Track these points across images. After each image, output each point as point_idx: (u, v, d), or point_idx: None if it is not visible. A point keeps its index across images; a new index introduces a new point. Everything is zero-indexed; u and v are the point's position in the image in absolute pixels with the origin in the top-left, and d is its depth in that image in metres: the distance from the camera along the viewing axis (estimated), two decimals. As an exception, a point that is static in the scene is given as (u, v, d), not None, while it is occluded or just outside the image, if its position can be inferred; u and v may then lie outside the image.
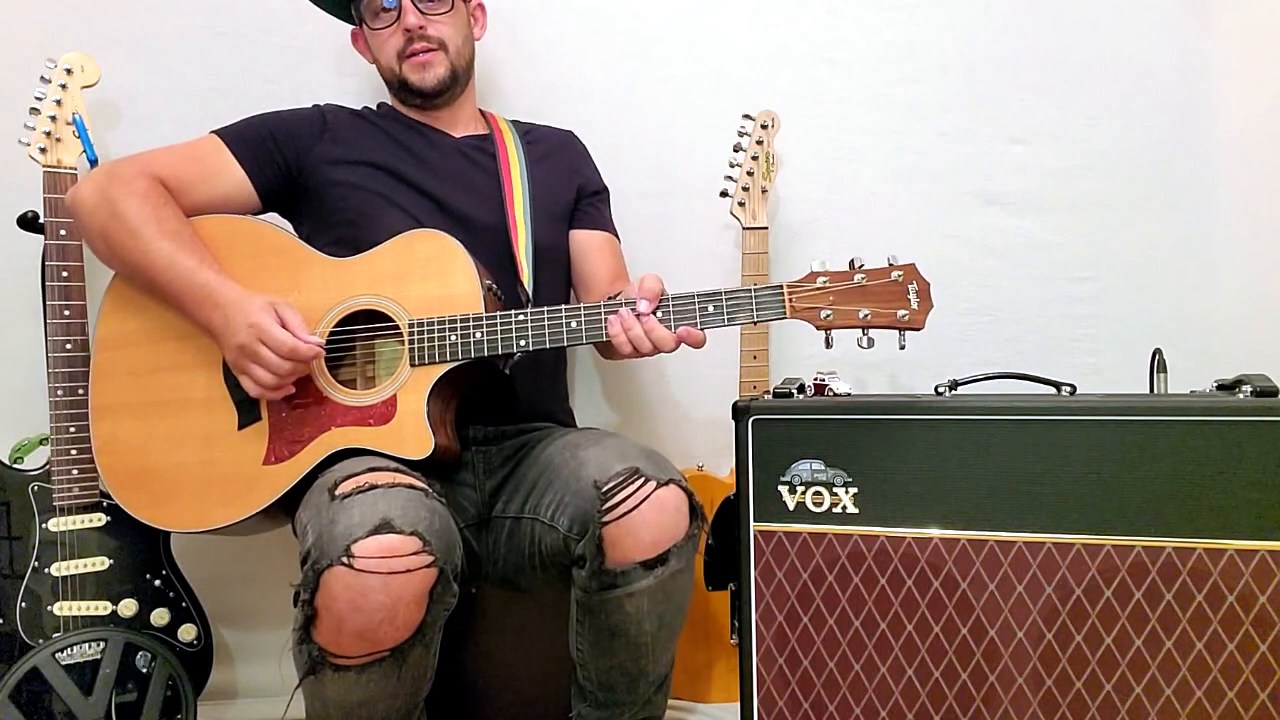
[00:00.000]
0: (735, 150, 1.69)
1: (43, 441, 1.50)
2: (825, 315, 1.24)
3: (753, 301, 1.25)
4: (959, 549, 1.25)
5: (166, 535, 1.51)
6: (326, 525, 1.10)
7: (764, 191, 1.68)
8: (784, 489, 1.31)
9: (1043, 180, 1.82)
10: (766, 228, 1.68)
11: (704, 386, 1.79)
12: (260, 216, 1.46)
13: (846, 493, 1.29)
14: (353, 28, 1.58)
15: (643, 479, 1.23)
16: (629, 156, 1.77)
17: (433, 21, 1.48)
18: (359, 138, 1.49)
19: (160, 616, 1.50)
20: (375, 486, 1.13)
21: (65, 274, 1.47)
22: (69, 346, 1.45)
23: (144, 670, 1.45)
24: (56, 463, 1.45)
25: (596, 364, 1.89)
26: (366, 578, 1.06)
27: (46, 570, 1.45)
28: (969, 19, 1.82)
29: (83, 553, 1.46)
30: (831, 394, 1.43)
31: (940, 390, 1.34)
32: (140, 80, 1.71)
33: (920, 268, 1.23)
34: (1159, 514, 1.20)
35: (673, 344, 1.26)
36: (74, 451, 1.45)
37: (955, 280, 1.81)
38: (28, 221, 1.52)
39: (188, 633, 1.52)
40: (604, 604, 1.26)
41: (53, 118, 1.50)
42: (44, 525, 1.45)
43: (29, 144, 1.49)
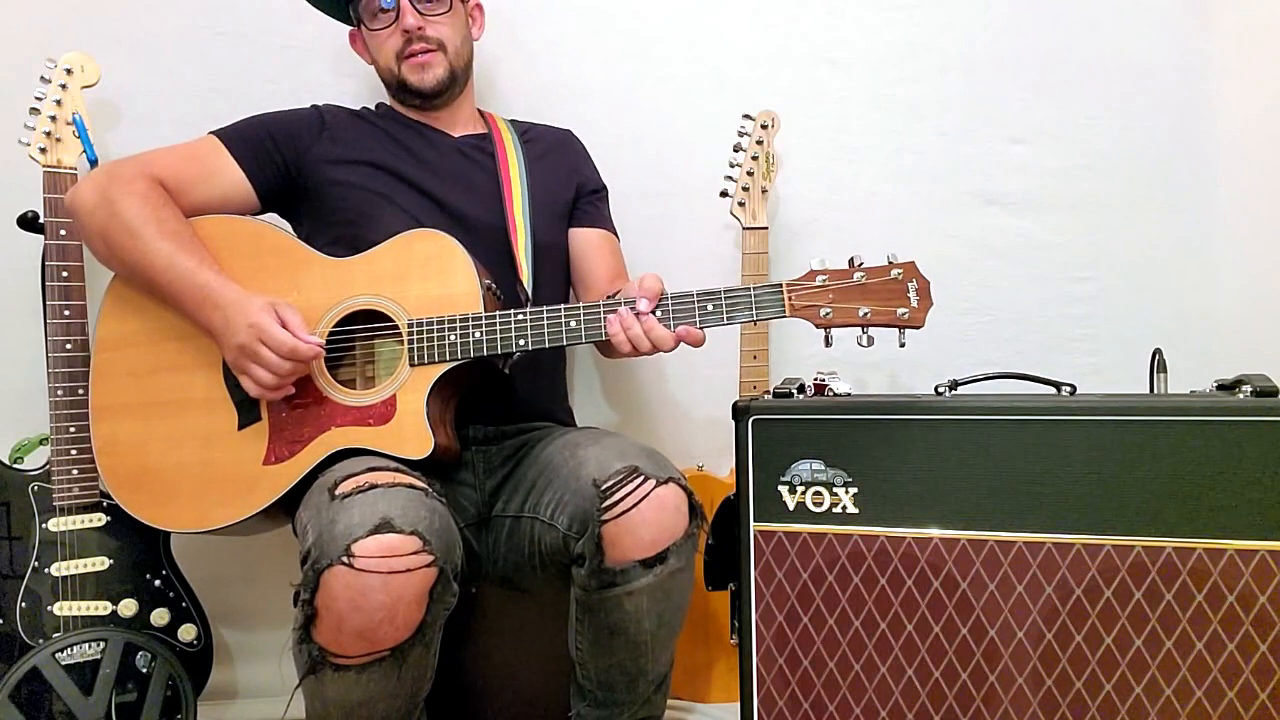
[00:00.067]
0: (735, 150, 1.69)
1: (43, 441, 1.50)
2: (825, 313, 1.23)
3: (752, 300, 1.25)
4: (959, 549, 1.25)
5: (166, 535, 1.51)
6: (326, 525, 1.10)
7: (764, 191, 1.68)
8: (784, 489, 1.31)
9: (1043, 180, 1.82)
10: (766, 228, 1.68)
11: (704, 386, 1.79)
12: (259, 217, 1.46)
13: (846, 493, 1.29)
14: (351, 29, 1.58)
15: (642, 477, 1.23)
16: (629, 156, 1.77)
17: (431, 22, 1.48)
18: (358, 137, 1.49)
19: (160, 616, 1.50)
20: (375, 486, 1.13)
21: (65, 274, 1.47)
22: (69, 346, 1.45)
23: (144, 670, 1.45)
24: (56, 463, 1.45)
25: (596, 363, 1.89)
26: (367, 577, 1.06)
27: (46, 570, 1.45)
28: (969, 19, 1.82)
29: (83, 553, 1.46)
30: (831, 394, 1.43)
31: (940, 390, 1.34)
32: (140, 80, 1.71)
33: (920, 266, 1.23)
34: (1159, 514, 1.20)
35: (672, 343, 1.26)
36: (74, 451, 1.45)
37: (955, 280, 1.81)
38: (28, 221, 1.52)
39: (188, 633, 1.52)
40: (603, 602, 1.26)
41: (53, 118, 1.50)
42: (44, 525, 1.45)
43: (29, 144, 1.49)
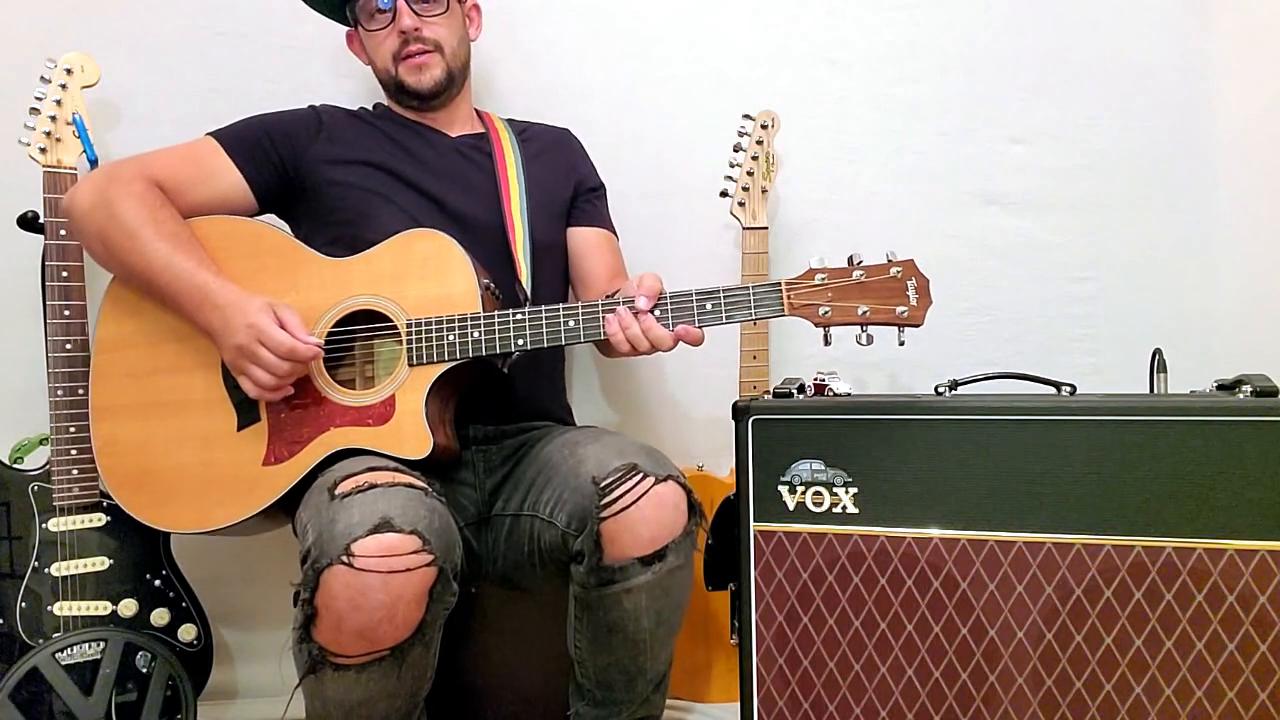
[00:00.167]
0: (735, 150, 1.69)
1: (43, 441, 1.50)
2: (824, 312, 1.23)
3: (751, 299, 1.24)
4: (959, 549, 1.25)
5: (166, 535, 1.51)
6: (326, 524, 1.10)
7: (764, 191, 1.68)
8: (784, 489, 1.31)
9: (1043, 180, 1.82)
10: (766, 228, 1.68)
11: (704, 386, 1.79)
12: (258, 217, 1.46)
13: (846, 493, 1.29)
14: (348, 29, 1.58)
15: (641, 475, 1.22)
16: (629, 156, 1.77)
17: (428, 23, 1.48)
18: (356, 137, 1.49)
19: (160, 616, 1.50)
20: (375, 486, 1.13)
21: (65, 274, 1.47)
22: (69, 346, 1.45)
23: (144, 670, 1.45)
24: (56, 463, 1.45)
25: (595, 363, 1.88)
26: (366, 577, 1.06)
27: (46, 570, 1.45)
28: (969, 19, 1.82)
29: (83, 553, 1.46)
30: (831, 394, 1.43)
31: (940, 390, 1.34)
32: (140, 80, 1.71)
33: (919, 265, 1.23)
34: (1159, 514, 1.19)
35: (670, 342, 1.26)
36: (74, 451, 1.45)
37: (955, 280, 1.81)
38: (28, 221, 1.52)
39: (188, 633, 1.52)
40: (602, 600, 1.25)
41: (53, 118, 1.50)
42: (44, 525, 1.45)
43: (29, 144, 1.49)
